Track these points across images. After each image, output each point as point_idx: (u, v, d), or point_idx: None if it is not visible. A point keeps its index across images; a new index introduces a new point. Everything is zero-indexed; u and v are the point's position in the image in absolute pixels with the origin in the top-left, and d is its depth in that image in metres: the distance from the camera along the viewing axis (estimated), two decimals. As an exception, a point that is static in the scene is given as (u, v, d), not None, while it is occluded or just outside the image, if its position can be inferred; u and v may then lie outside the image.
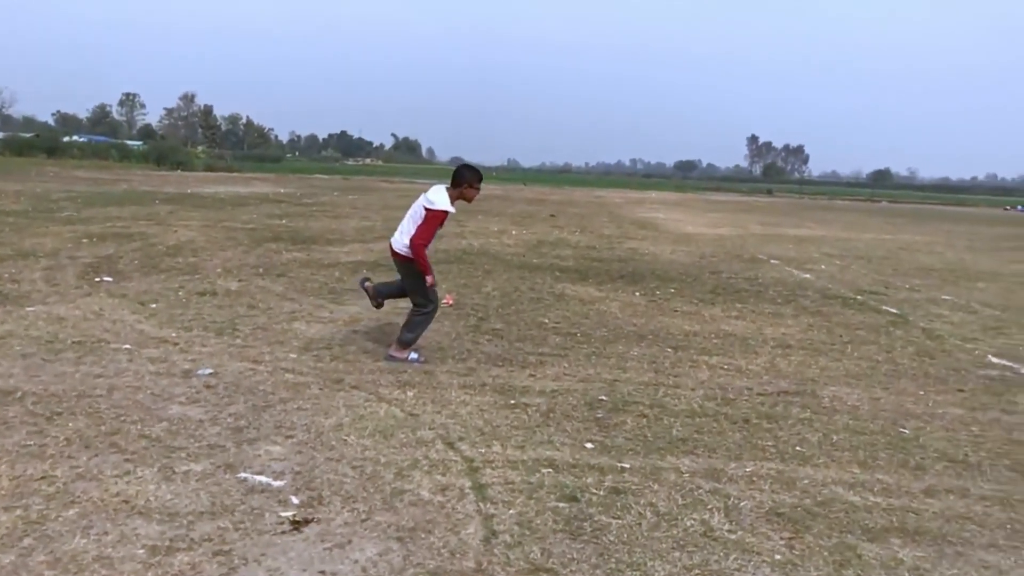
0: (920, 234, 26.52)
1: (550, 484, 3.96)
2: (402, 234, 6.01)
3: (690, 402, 5.53)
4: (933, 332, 8.61)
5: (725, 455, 4.53)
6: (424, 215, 5.87)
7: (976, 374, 6.84)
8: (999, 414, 5.68)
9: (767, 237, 21.35)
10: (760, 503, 3.88)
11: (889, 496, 4.07)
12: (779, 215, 36.03)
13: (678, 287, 10.92)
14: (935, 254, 18.63)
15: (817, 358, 7.12)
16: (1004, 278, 14.19)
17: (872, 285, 12.17)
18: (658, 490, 3.96)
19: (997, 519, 3.87)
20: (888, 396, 5.99)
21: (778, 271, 13.42)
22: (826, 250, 18.05)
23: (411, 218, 5.98)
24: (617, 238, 18.23)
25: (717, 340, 7.66)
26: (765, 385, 6.11)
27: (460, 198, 6.02)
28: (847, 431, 5.09)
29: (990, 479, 4.41)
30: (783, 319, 8.95)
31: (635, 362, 6.60)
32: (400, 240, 6.02)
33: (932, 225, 33.80)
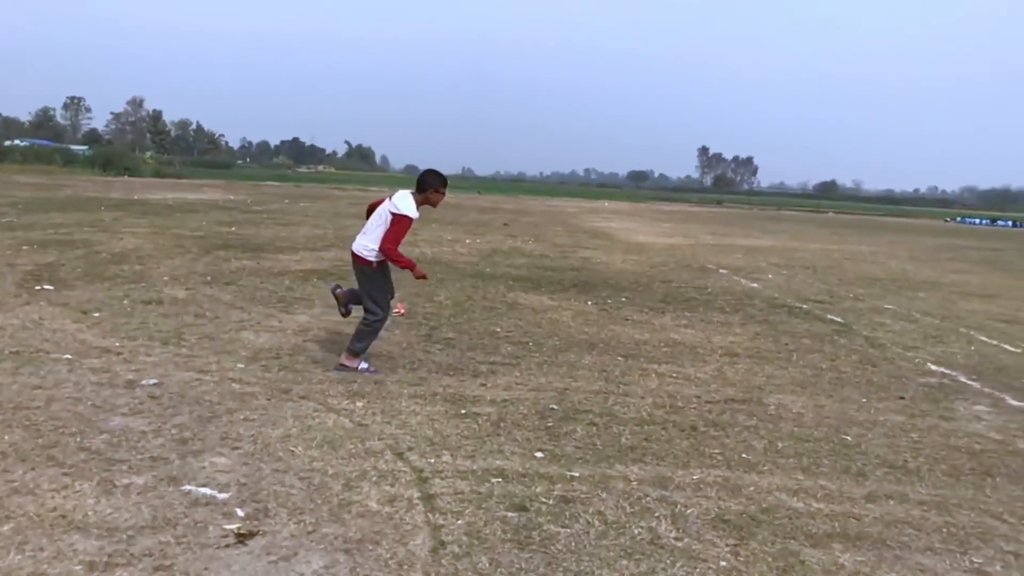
0: (864, 245, 27.14)
1: (499, 494, 3.96)
2: (364, 236, 6.03)
3: (639, 410, 5.58)
4: (876, 340, 8.82)
5: (673, 463, 4.58)
6: (390, 220, 5.89)
7: (916, 382, 7.02)
8: (937, 420, 5.84)
9: (717, 247, 21.66)
10: (707, 510, 3.93)
11: (831, 502, 4.15)
12: (729, 225, 36.59)
13: (629, 296, 11.02)
14: (879, 264, 19.09)
15: (764, 366, 7.24)
16: (943, 288, 14.60)
17: (817, 294, 12.43)
18: (607, 498, 3.99)
19: (934, 523, 3.98)
20: (832, 403, 6.12)
21: (727, 280, 13.62)
22: (773, 260, 18.38)
23: (377, 223, 5.99)
24: (570, 247, 18.34)
25: (667, 349, 7.74)
26: (713, 393, 6.19)
27: (425, 203, 6.05)
28: (792, 438, 5.19)
29: (928, 484, 4.53)
30: (731, 328, 9.08)
31: (586, 371, 6.64)
32: (361, 243, 6.03)
33: (876, 236, 34.63)
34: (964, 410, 6.17)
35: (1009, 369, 7.74)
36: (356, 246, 6.06)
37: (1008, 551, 3.71)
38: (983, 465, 4.92)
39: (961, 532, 3.89)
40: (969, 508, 4.21)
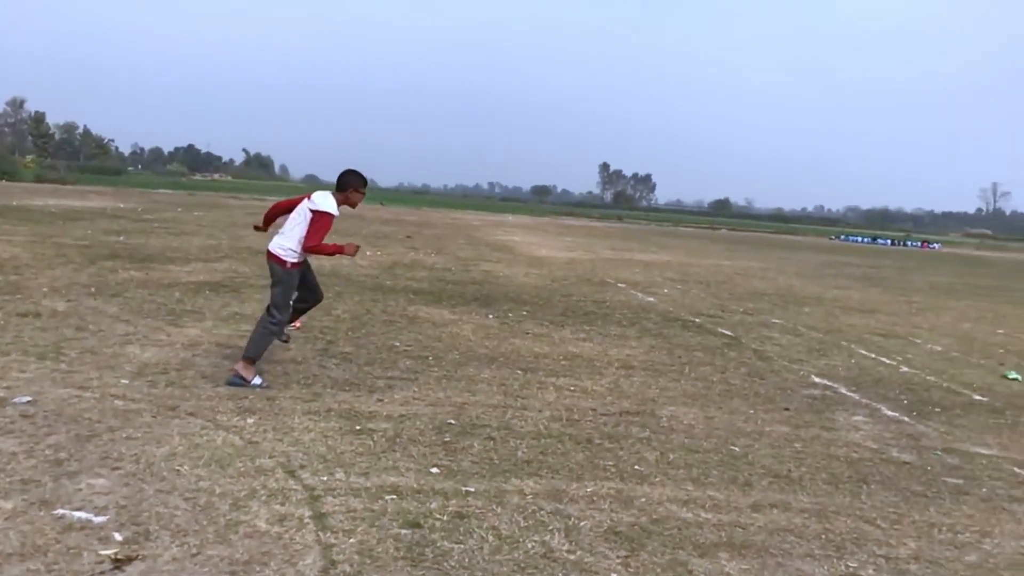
0: (755, 261, 28.21)
1: (393, 511, 3.91)
2: (282, 237, 6.01)
3: (536, 424, 5.62)
4: (763, 353, 9.16)
5: (568, 476, 4.62)
6: (311, 218, 5.88)
7: (800, 393, 7.32)
8: (819, 431, 6.10)
9: (616, 262, 22.10)
10: (599, 522, 3.98)
11: (719, 512, 4.28)
12: (628, 240, 37.42)
13: (530, 310, 11.11)
14: (768, 280, 19.86)
15: (658, 379, 7.41)
16: (827, 302, 15.31)
17: (710, 308, 12.83)
18: (501, 513, 3.99)
19: (814, 530, 4.14)
20: (721, 415, 6.31)
21: (625, 294, 13.91)
22: (669, 275, 18.88)
23: (296, 222, 5.96)
24: (473, 260, 18.37)
25: (565, 362, 7.83)
26: (609, 406, 6.30)
27: (345, 203, 6.05)
28: (683, 449, 5.32)
29: (809, 492, 4.72)
30: (628, 341, 9.27)
31: (485, 385, 6.64)
32: (278, 243, 6.00)
33: (766, 252, 36.05)
34: (844, 420, 6.47)
35: (885, 381, 8.16)
36: (273, 246, 6.02)
37: (880, 555, 3.90)
38: (860, 473, 5.16)
39: (838, 538, 4.06)
40: (846, 515, 4.40)
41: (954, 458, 5.66)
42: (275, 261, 5.99)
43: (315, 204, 5.91)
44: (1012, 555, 4.04)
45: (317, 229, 5.85)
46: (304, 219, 5.91)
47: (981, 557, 3.99)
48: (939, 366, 9.27)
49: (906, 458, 5.56)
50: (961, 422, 6.72)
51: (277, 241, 6.02)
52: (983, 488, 5.06)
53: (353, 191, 6.06)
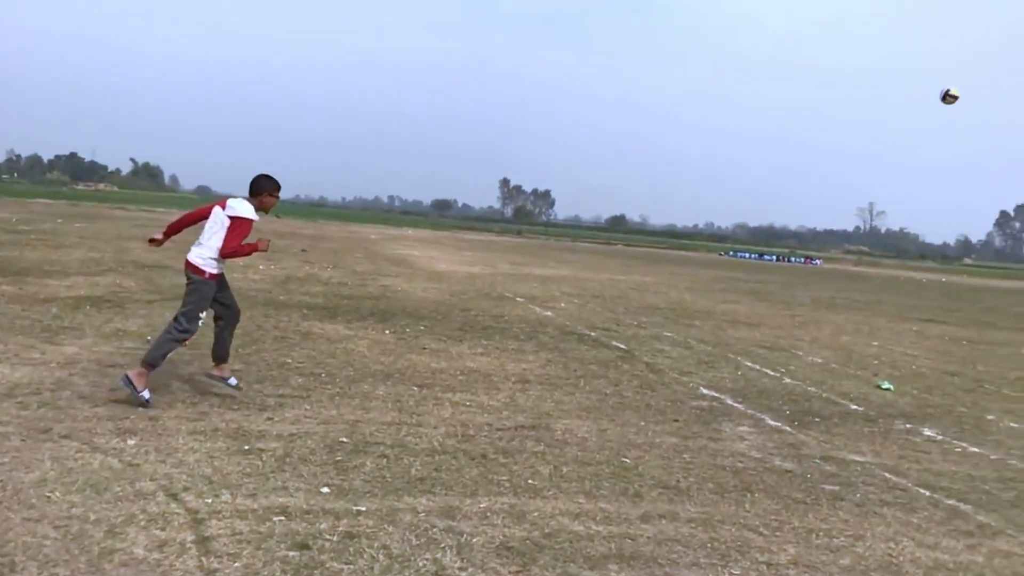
0: (649, 275, 28.95)
1: (281, 533, 3.81)
2: (200, 247, 5.92)
3: (431, 440, 5.59)
4: (655, 366, 9.39)
5: (461, 492, 4.61)
6: (229, 224, 5.86)
7: (690, 405, 7.54)
8: (707, 441, 6.28)
9: (515, 276, 22.27)
10: (492, 538, 3.98)
11: (610, 524, 4.35)
12: (527, 255, 37.78)
13: (428, 324, 11.06)
14: (661, 294, 20.40)
15: (553, 392, 7.50)
16: (716, 316, 15.84)
17: (605, 322, 13.08)
18: (393, 532, 3.94)
19: (700, 539, 4.26)
20: (614, 427, 6.43)
21: (523, 309, 14.03)
22: (566, 289, 19.15)
23: (213, 231, 5.93)
24: (370, 275, 18.17)
25: (462, 377, 7.83)
26: (504, 420, 6.32)
27: (259, 208, 6.06)
28: (576, 462, 5.39)
29: (696, 502, 4.86)
30: (525, 355, 9.34)
31: (379, 401, 6.57)
32: (196, 252, 5.91)
33: (660, 267, 37.05)
34: (730, 431, 6.69)
35: (769, 392, 8.49)
36: (192, 256, 5.94)
37: (762, 561, 4.05)
38: (744, 482, 5.34)
39: (723, 546, 4.19)
40: (731, 523, 4.55)
41: (832, 465, 5.93)
42: (194, 271, 5.90)
43: (234, 210, 5.90)
44: (882, 557, 4.25)
45: (237, 235, 5.88)
46: (222, 226, 5.89)
47: (854, 560, 4.19)
48: (819, 377, 9.71)
49: (787, 466, 5.79)
50: (839, 431, 7.05)
51: (196, 251, 5.95)
52: (857, 494, 5.32)
53: (267, 195, 6.08)
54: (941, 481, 5.75)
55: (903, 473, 5.86)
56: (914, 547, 4.44)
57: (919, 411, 8.20)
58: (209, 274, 5.89)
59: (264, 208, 6.11)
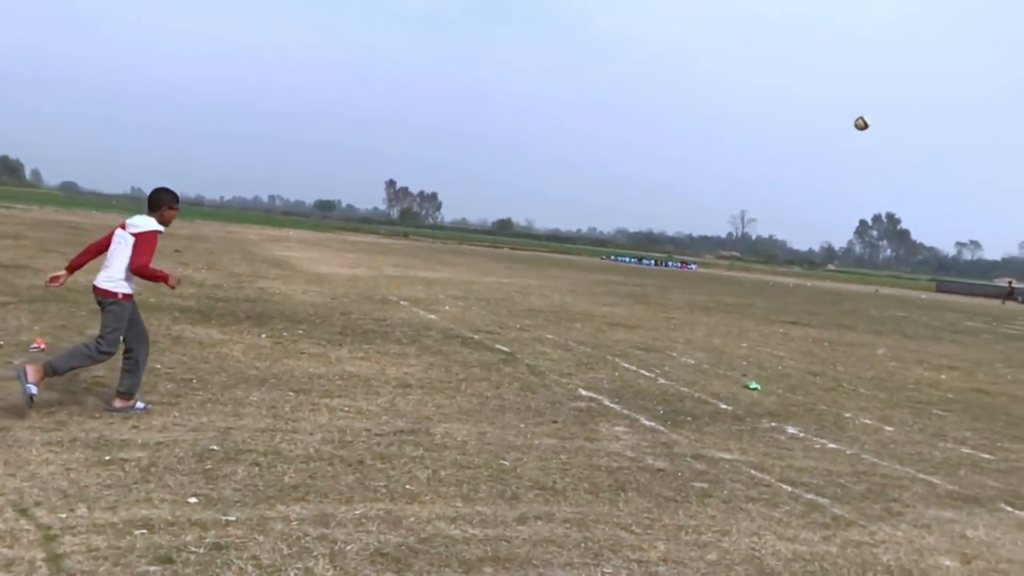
0: (533, 278, 29.29)
1: (143, 546, 3.63)
2: (107, 270, 5.82)
3: (307, 447, 5.47)
4: (536, 368, 9.50)
5: (336, 499, 4.53)
6: (135, 241, 5.77)
7: (568, 406, 7.66)
8: (584, 442, 6.40)
9: (399, 279, 22.09)
10: (366, 545, 3.93)
11: (486, 527, 4.36)
12: (413, 258, 37.55)
13: (307, 328, 10.82)
14: (544, 297, 20.68)
15: (434, 396, 7.47)
16: (596, 319, 16.18)
17: (489, 325, 13.14)
18: (263, 542, 3.83)
19: (574, 539, 4.34)
20: (494, 430, 6.46)
21: (406, 312, 13.92)
22: (451, 292, 19.14)
23: (117, 253, 5.82)
24: (248, 277, 17.63)
25: (341, 382, 7.69)
26: (383, 425, 6.25)
27: (161, 221, 6.01)
28: (454, 466, 5.39)
29: (572, 503, 4.94)
30: (407, 359, 9.27)
31: (253, 408, 6.37)
32: (104, 275, 5.81)
33: (543, 270, 37.56)
34: (606, 431, 6.84)
35: (644, 392, 8.74)
36: (100, 280, 5.81)
37: (633, 559, 4.15)
38: (618, 481, 5.47)
39: (596, 545, 4.28)
40: (604, 522, 4.65)
41: (702, 463, 6.15)
42: (104, 295, 5.78)
43: (136, 227, 5.84)
44: (746, 551, 4.44)
45: (145, 248, 5.80)
46: (127, 245, 5.80)
47: (720, 555, 4.35)
48: (692, 378, 10.07)
49: (660, 465, 5.97)
50: (709, 429, 7.33)
51: (103, 275, 5.84)
52: (725, 490, 5.53)
53: (168, 209, 6.04)
54: (802, 476, 6.06)
55: (767, 470, 6.14)
56: (775, 540, 4.65)
57: (783, 410, 8.62)
58: (122, 294, 5.80)
59: (165, 221, 6.03)
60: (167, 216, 6.05)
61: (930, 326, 24.88)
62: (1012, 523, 5.44)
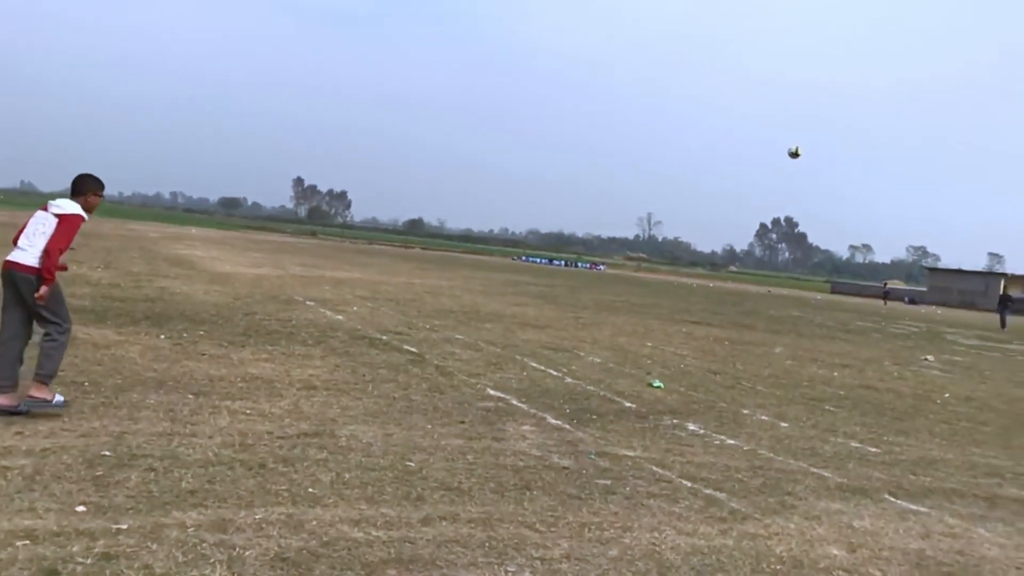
0: (444, 279, 29.23)
1: (25, 558, 3.46)
2: (23, 251, 5.66)
3: (206, 451, 5.31)
4: (445, 369, 9.48)
5: (236, 504, 4.42)
6: (56, 223, 5.63)
7: (476, 406, 7.68)
8: (491, 442, 6.43)
9: (306, 279, 21.70)
10: (266, 550, 3.85)
11: (390, 529, 4.33)
12: (321, 257, 36.94)
13: (208, 329, 10.51)
14: (454, 297, 20.66)
15: (340, 398, 7.37)
16: (506, 319, 16.27)
17: (398, 326, 13.04)
18: (157, 550, 3.70)
19: (479, 539, 4.35)
20: (400, 431, 6.42)
21: (313, 312, 13.68)
22: (360, 292, 18.91)
23: (38, 232, 5.65)
24: (147, 276, 17.01)
25: (243, 384, 7.51)
26: (286, 428, 6.13)
27: (85, 208, 5.93)
28: (359, 468, 5.32)
29: (478, 502, 4.95)
30: (312, 360, 9.11)
31: (150, 411, 6.15)
32: (21, 256, 5.65)
33: (455, 271, 37.52)
34: (513, 430, 6.89)
35: (551, 391, 8.83)
36: (21, 257, 5.59)
37: (537, 557, 4.20)
38: (524, 480, 5.51)
39: (500, 544, 4.30)
40: (509, 521, 4.68)
41: (606, 461, 6.26)
42: (22, 270, 5.56)
43: (60, 208, 5.76)
44: (646, 546, 4.54)
45: (66, 232, 5.70)
46: (48, 226, 5.64)
47: (621, 551, 4.44)
48: (598, 376, 10.23)
49: (565, 463, 6.04)
50: (614, 427, 7.46)
51: (17, 254, 5.62)
52: (627, 487, 5.65)
53: (92, 195, 5.97)
54: (701, 472, 6.24)
55: (668, 466, 6.29)
56: (675, 535, 4.78)
57: (685, 407, 8.85)
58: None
59: (89, 208, 5.94)
60: (91, 202, 5.96)
61: (824, 326, 25.98)
62: (895, 512, 5.73)
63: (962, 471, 7.23)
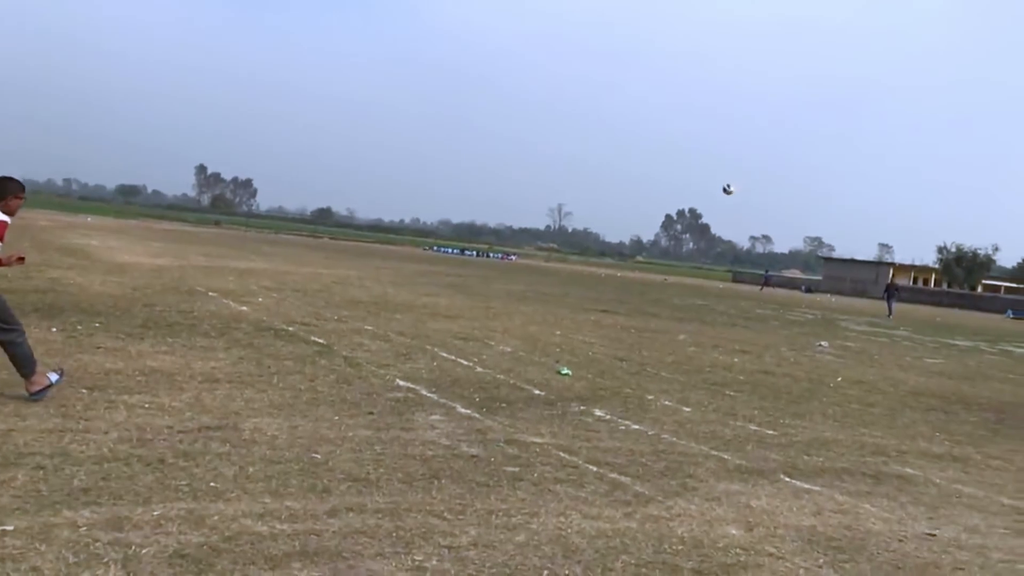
0: (353, 269, 28.85)
1: (-101, 565, 3.27)
2: None
3: (100, 447, 5.12)
4: (353, 360, 9.38)
5: (132, 501, 4.27)
6: None
7: (385, 397, 7.62)
8: (399, 432, 6.40)
9: (209, 269, 21.09)
10: (165, 547, 3.74)
11: (295, 521, 4.27)
12: (224, 247, 35.94)
13: (104, 321, 10.11)
14: (364, 288, 20.42)
15: (244, 390, 7.20)
16: (417, 309, 16.19)
17: (305, 317, 12.81)
18: (46, 551, 3.55)
19: (386, 529, 4.33)
20: (306, 423, 6.32)
21: (215, 304, 13.31)
22: (265, 283, 18.49)
23: None
24: (37, 266, 16.19)
25: (141, 377, 7.25)
26: (187, 422, 5.96)
27: (6, 211, 5.95)
28: (263, 461, 5.22)
29: (385, 493, 4.93)
30: (215, 352, 8.87)
31: (39, 407, 5.88)
32: None
33: (365, 261, 37.09)
34: (422, 420, 6.87)
35: (461, 381, 8.85)
36: None
37: (444, 545, 4.21)
38: (433, 469, 5.51)
39: (408, 534, 4.29)
40: (417, 511, 4.67)
41: (514, 448, 6.31)
42: None
43: None
44: (553, 531, 4.61)
45: None
46: None
47: (528, 536, 4.50)
48: (508, 365, 10.30)
49: (474, 451, 6.07)
50: (523, 415, 7.53)
51: None
52: (535, 473, 5.71)
53: (13, 198, 5.97)
54: (607, 457, 6.36)
55: (575, 452, 6.40)
56: (581, 519, 4.86)
57: (592, 394, 9.01)
58: None
59: (11, 211, 5.96)
60: (12, 206, 5.96)
61: (726, 314, 26.82)
62: (789, 492, 5.98)
63: (852, 451, 7.60)
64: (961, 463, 7.60)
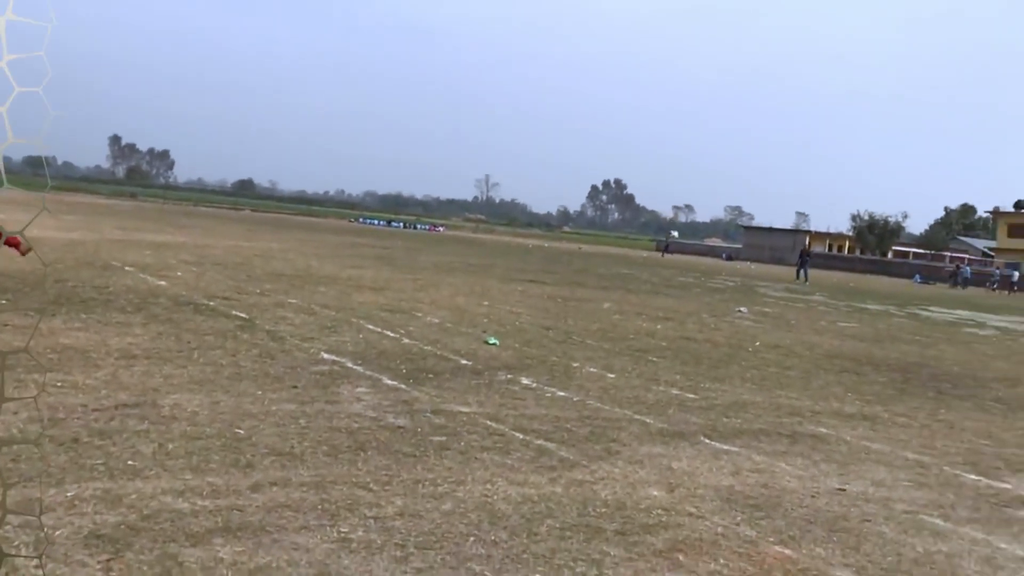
0: (276, 242, 28.29)
1: None
2: None
3: (10, 427, 4.94)
4: (277, 334, 9.23)
5: (45, 482, 4.14)
6: None
7: (310, 370, 7.54)
8: (324, 405, 6.35)
9: (125, 243, 20.40)
10: (79, 528, 3.64)
11: (217, 497, 4.21)
12: (141, 220, 34.80)
13: (13, 298, 9.68)
14: (287, 261, 20.05)
15: (162, 367, 7.02)
16: (342, 282, 15.99)
17: (225, 291, 12.53)
18: (-48, 537, 3.42)
19: (311, 502, 4.31)
20: (228, 399, 6.21)
21: (132, 278, 12.89)
22: (184, 257, 17.99)
23: None
24: (-65, 241, 15.36)
25: (54, 355, 7.00)
26: (103, 400, 5.79)
27: None
28: (184, 438, 5.12)
29: (310, 466, 4.89)
30: (131, 328, 8.61)
31: (-58, 389, 5.62)
32: None
33: (288, 234, 36.39)
34: (348, 393, 6.83)
35: (388, 353, 8.81)
36: None
37: (370, 516, 4.21)
38: (358, 441, 5.49)
39: (333, 506, 4.28)
40: (343, 483, 4.66)
41: (441, 418, 6.34)
42: None
43: None
44: (479, 498, 4.66)
45: None
46: None
47: (455, 504, 4.53)
48: (435, 336, 10.29)
49: (400, 423, 6.07)
50: (449, 385, 7.55)
51: None
52: (462, 442, 5.75)
53: None
54: (533, 424, 6.44)
55: (502, 420, 6.46)
56: (507, 485, 4.92)
57: (519, 362, 9.08)
58: None
59: None
60: None
61: (649, 282, 27.29)
62: (709, 453, 6.17)
63: (769, 412, 7.86)
64: (870, 421, 7.95)
